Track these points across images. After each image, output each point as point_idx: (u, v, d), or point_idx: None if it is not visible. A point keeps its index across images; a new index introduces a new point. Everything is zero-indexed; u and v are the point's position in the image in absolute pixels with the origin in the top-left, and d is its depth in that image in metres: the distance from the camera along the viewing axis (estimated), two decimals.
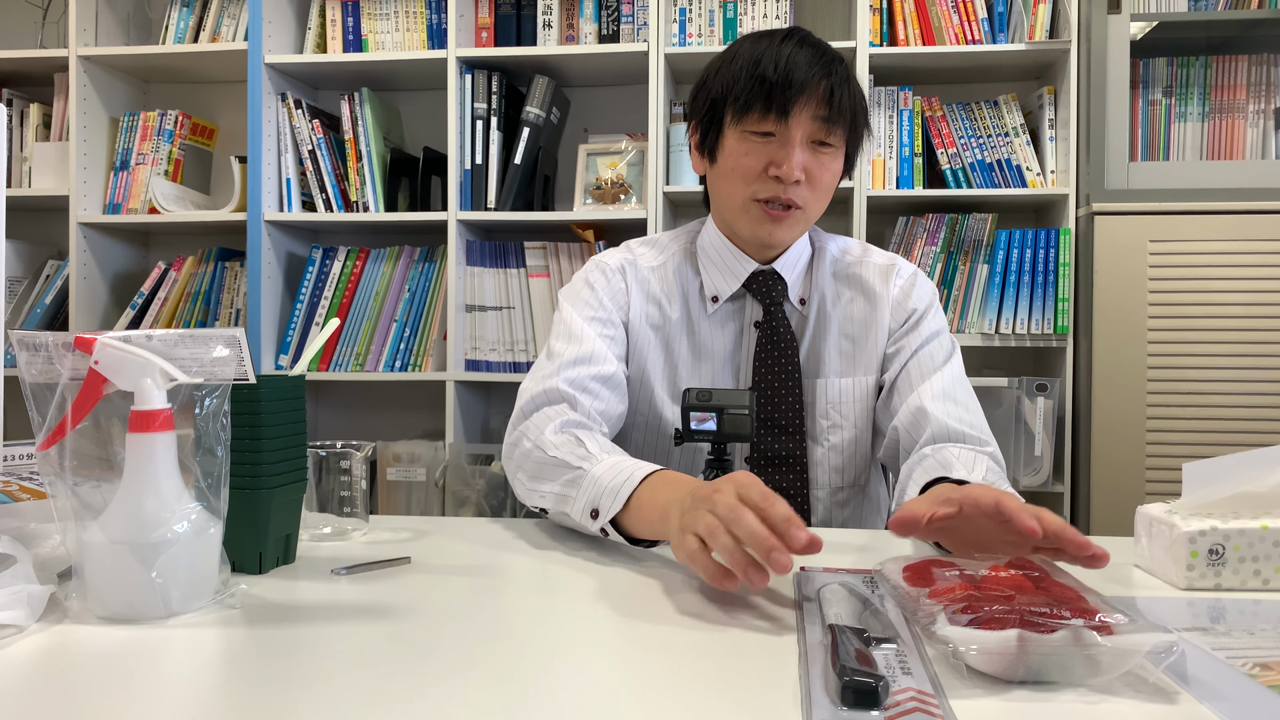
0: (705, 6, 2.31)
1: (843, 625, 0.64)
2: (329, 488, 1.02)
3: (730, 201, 1.21)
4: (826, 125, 1.15)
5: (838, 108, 1.15)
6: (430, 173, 2.41)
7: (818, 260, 1.29)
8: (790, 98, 1.13)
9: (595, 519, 0.94)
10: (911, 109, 2.26)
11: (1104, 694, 0.57)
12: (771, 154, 1.16)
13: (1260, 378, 2.02)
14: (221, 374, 0.74)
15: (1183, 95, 2.22)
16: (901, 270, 1.29)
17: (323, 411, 2.66)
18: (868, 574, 0.83)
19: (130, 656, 0.64)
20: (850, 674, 0.54)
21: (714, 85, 1.20)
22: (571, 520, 0.98)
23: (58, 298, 2.53)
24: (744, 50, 1.18)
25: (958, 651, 0.58)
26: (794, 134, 1.15)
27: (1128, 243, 2.06)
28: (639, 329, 1.25)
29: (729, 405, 0.98)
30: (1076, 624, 0.58)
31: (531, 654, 0.65)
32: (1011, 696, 0.57)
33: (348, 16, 2.40)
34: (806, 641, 0.65)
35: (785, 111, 1.14)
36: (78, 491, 0.72)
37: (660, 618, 0.74)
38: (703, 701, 0.57)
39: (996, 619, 0.59)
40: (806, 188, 1.17)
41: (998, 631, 0.58)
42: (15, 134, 2.56)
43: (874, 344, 1.25)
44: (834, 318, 1.26)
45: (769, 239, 1.21)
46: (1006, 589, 0.66)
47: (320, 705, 0.56)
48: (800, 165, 1.15)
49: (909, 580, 0.71)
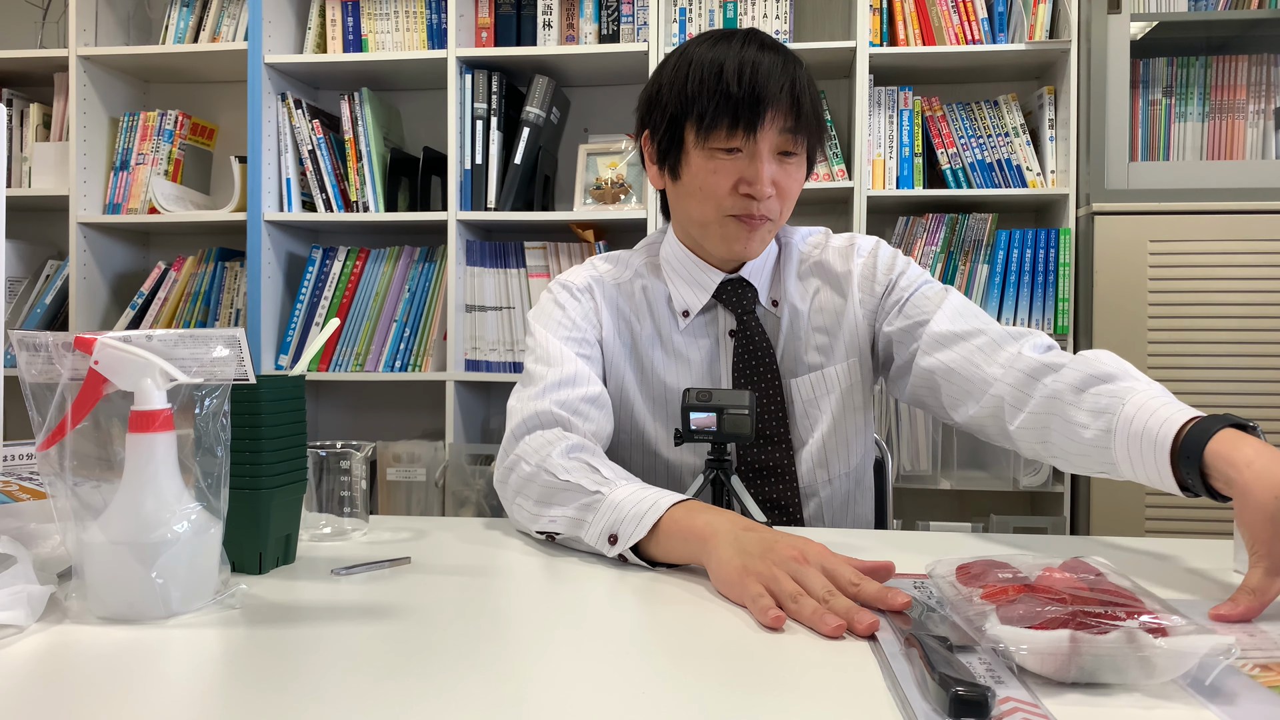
0: (705, 6, 2.31)
1: (925, 633, 0.62)
2: (329, 488, 1.02)
3: (699, 219, 1.17)
4: (793, 136, 1.12)
5: (804, 118, 1.12)
6: (430, 173, 2.41)
7: (785, 258, 1.27)
8: (759, 113, 1.09)
9: (613, 544, 0.90)
10: (911, 109, 2.26)
11: (1160, 698, 0.56)
12: (740, 170, 1.12)
13: (1260, 377, 2.02)
14: (221, 374, 0.74)
15: (1183, 95, 2.22)
16: (861, 247, 1.26)
17: (323, 411, 2.66)
18: (917, 578, 0.81)
19: (130, 656, 0.64)
20: (956, 684, 0.53)
21: (670, 99, 1.15)
22: (584, 544, 0.94)
23: (58, 298, 2.53)
24: (700, 57, 1.13)
25: (1008, 651, 0.58)
26: (762, 149, 1.11)
27: (1128, 243, 2.06)
28: (612, 347, 1.23)
29: (729, 405, 0.98)
30: (1131, 625, 0.57)
31: (531, 654, 0.65)
32: (1064, 699, 0.56)
33: (348, 16, 2.40)
34: (885, 650, 0.64)
35: (753, 128, 1.10)
36: (78, 491, 0.72)
37: (661, 617, 0.74)
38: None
39: (1049, 619, 0.58)
40: (776, 199, 1.15)
41: (1049, 631, 0.57)
42: (15, 134, 2.56)
43: (850, 326, 1.23)
44: (805, 314, 1.24)
45: (742, 254, 1.19)
46: (1060, 590, 0.65)
47: (320, 705, 0.56)
48: (769, 180, 1.12)
49: (962, 580, 0.70)
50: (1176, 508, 2.02)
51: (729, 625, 0.72)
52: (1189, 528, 2.01)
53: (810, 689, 0.59)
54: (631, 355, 1.24)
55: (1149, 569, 0.88)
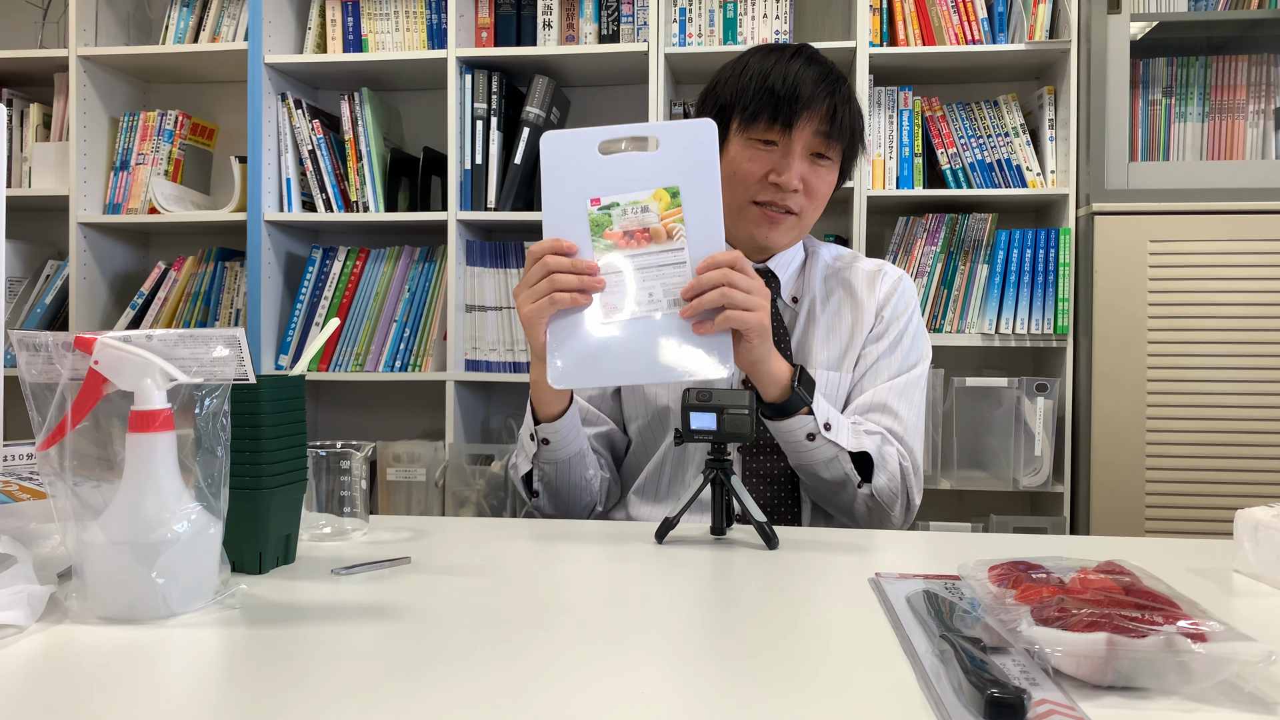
0: (705, 6, 2.31)
1: (957, 635, 0.62)
2: (329, 488, 1.02)
3: (730, 203, 1.24)
4: (826, 140, 1.23)
5: (838, 125, 1.23)
6: (430, 173, 2.41)
7: (811, 263, 1.37)
8: (796, 111, 1.21)
9: (532, 439, 1.20)
10: (911, 109, 2.26)
11: (1199, 702, 0.56)
12: (773, 162, 1.23)
13: (1260, 378, 2.01)
14: (221, 374, 0.74)
15: (1183, 95, 2.22)
16: (887, 275, 1.36)
17: (323, 411, 2.66)
18: (947, 579, 0.81)
19: (130, 656, 0.64)
20: (991, 686, 0.53)
21: (723, 92, 1.27)
22: (529, 456, 1.22)
23: (58, 298, 2.53)
24: (754, 63, 1.26)
25: (1042, 653, 0.57)
26: (795, 145, 1.22)
27: (1128, 243, 2.06)
28: None
29: (729, 405, 0.98)
30: (1169, 630, 0.57)
31: (532, 654, 0.65)
32: (1101, 702, 0.56)
33: (348, 16, 2.40)
34: (916, 650, 0.64)
35: (789, 123, 1.21)
36: (78, 491, 0.72)
37: (662, 617, 0.74)
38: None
39: (1085, 622, 0.58)
40: (803, 196, 1.25)
41: (1085, 634, 0.57)
42: (15, 134, 2.56)
43: (856, 344, 1.31)
44: (822, 317, 1.32)
45: (765, 241, 1.28)
46: (1096, 592, 0.64)
47: (320, 705, 0.56)
48: (799, 175, 1.23)
49: (995, 581, 0.70)
50: (1176, 508, 2.02)
51: (741, 625, 0.72)
52: (1189, 528, 2.01)
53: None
54: None
55: (1149, 569, 0.88)
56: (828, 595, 0.80)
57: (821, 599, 0.79)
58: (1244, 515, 0.87)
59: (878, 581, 0.82)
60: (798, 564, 0.91)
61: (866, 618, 0.73)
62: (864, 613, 0.74)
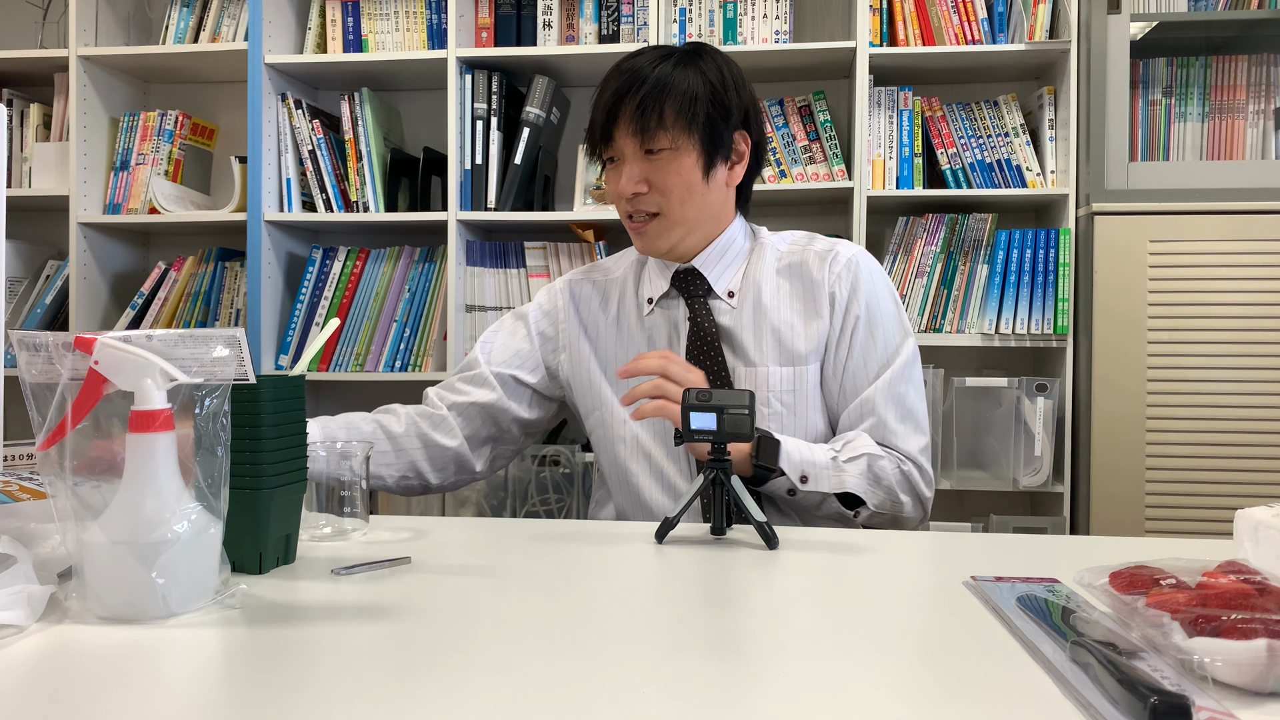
0: (705, 6, 2.31)
1: (1091, 641, 0.61)
2: (329, 488, 1.02)
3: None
4: (642, 136, 1.23)
5: (649, 115, 1.22)
6: (430, 173, 2.41)
7: (757, 254, 1.34)
8: (611, 125, 1.25)
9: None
10: (911, 109, 2.26)
11: None
12: (619, 176, 1.27)
13: (1260, 378, 2.01)
14: (221, 374, 0.74)
15: (1183, 95, 2.22)
16: (839, 255, 1.31)
17: (323, 411, 2.65)
18: (1045, 581, 0.80)
19: (130, 656, 0.64)
20: (1156, 693, 0.51)
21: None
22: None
23: (58, 298, 2.53)
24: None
25: (1204, 664, 0.56)
26: (621, 153, 1.26)
27: (1128, 243, 2.06)
28: (572, 335, 1.38)
29: (729, 405, 0.98)
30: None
31: (532, 654, 0.65)
32: (1266, 710, 0.55)
33: (348, 16, 2.40)
34: (1046, 655, 0.62)
35: (609, 137, 1.26)
36: (78, 491, 0.72)
37: (662, 617, 0.74)
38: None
39: (1238, 628, 0.57)
40: (655, 193, 1.26)
41: (1244, 642, 0.56)
42: (15, 134, 2.56)
43: (815, 331, 1.28)
44: (770, 309, 1.29)
45: (642, 250, 1.32)
46: (1231, 595, 0.63)
47: (320, 705, 0.56)
48: (635, 178, 1.25)
49: (1119, 589, 0.69)
50: (1176, 508, 2.02)
51: (744, 626, 0.72)
52: (1189, 528, 2.01)
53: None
54: (596, 336, 1.38)
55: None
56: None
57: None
58: (1244, 515, 0.87)
59: (976, 585, 0.80)
60: (798, 564, 0.91)
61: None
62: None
